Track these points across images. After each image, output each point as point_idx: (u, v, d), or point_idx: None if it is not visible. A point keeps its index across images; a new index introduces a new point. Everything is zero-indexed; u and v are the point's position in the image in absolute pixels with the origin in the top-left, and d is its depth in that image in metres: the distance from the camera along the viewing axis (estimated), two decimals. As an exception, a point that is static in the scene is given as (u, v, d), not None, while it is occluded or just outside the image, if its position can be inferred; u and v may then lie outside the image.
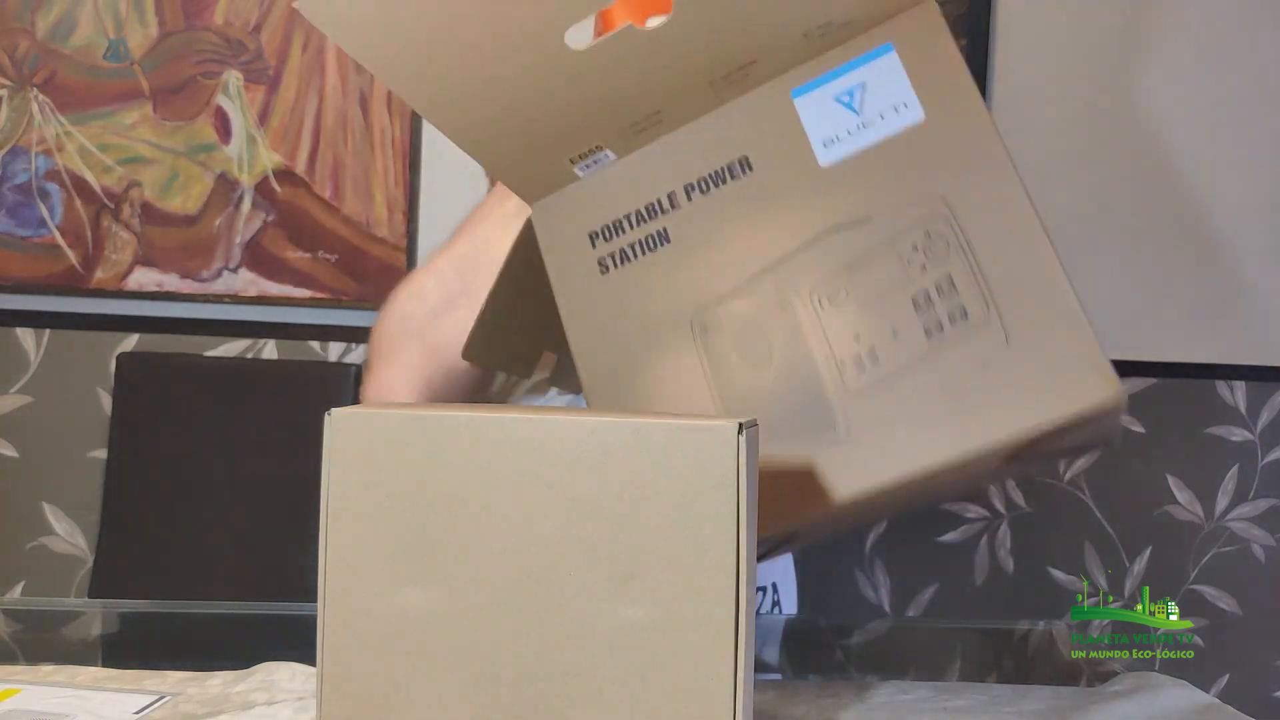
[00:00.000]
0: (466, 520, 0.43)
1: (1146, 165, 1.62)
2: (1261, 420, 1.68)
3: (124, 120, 1.59)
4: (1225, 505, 1.68)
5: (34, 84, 1.59)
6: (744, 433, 0.40)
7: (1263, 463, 1.68)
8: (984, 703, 0.56)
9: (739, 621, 0.40)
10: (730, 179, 0.56)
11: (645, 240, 0.57)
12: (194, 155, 1.59)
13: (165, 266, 1.60)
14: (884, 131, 0.53)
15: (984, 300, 0.50)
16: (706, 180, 0.56)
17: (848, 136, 0.54)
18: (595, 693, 0.42)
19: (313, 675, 0.57)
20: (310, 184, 1.59)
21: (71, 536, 1.59)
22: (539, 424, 0.43)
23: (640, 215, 0.57)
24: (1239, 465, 1.68)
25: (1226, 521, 1.68)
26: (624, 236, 0.57)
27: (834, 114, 0.54)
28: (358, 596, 0.45)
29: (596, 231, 0.58)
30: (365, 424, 0.45)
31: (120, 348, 1.57)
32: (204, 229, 1.59)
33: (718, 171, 0.56)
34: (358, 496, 0.45)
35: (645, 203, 0.57)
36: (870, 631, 0.95)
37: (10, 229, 1.59)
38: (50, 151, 1.59)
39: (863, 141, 0.53)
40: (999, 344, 0.50)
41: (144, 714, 0.53)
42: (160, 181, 1.59)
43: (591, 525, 0.42)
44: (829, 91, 0.54)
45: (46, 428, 1.59)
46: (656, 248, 0.56)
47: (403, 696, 0.44)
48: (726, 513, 0.40)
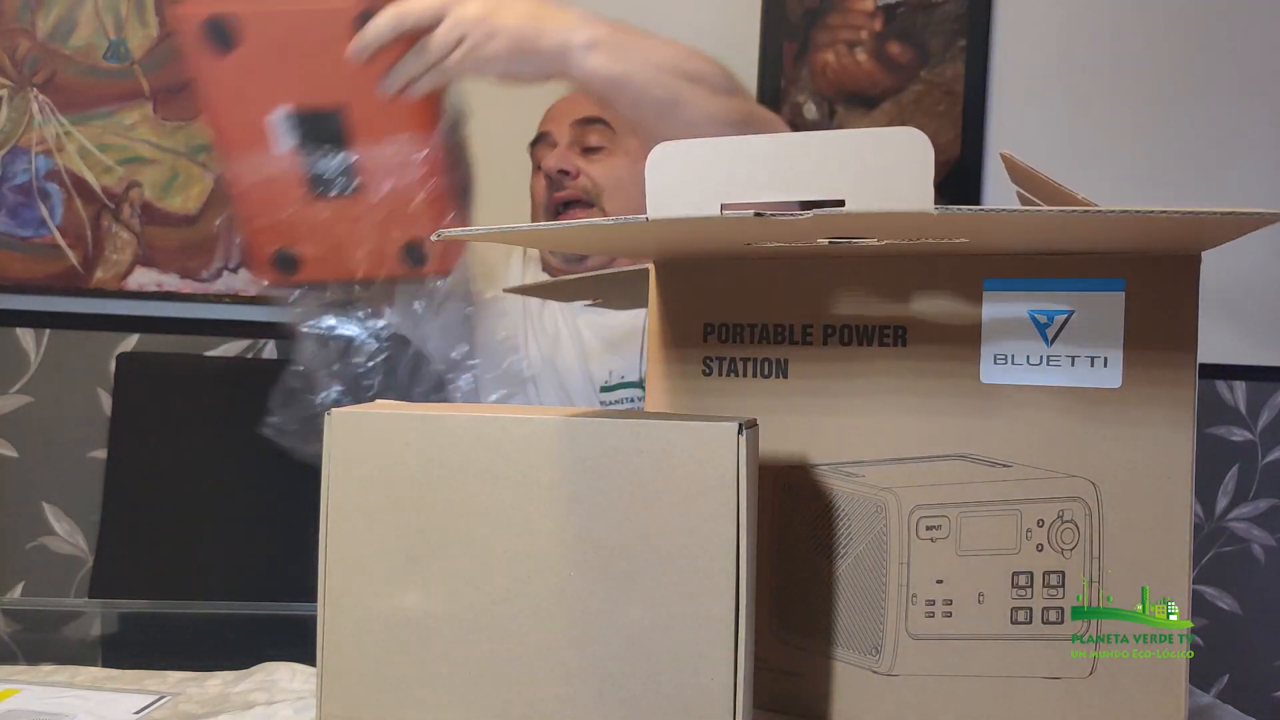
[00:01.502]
0: (466, 520, 0.43)
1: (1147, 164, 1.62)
2: (1261, 420, 1.68)
3: (124, 120, 1.59)
4: (1225, 505, 1.68)
5: (34, 84, 1.59)
6: (744, 433, 0.40)
7: (1263, 463, 1.68)
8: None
9: (739, 621, 0.40)
10: (879, 343, 0.48)
11: (760, 364, 0.50)
12: (194, 155, 1.59)
13: (165, 266, 1.60)
14: (1065, 380, 0.45)
15: (1086, 619, 0.45)
16: (852, 331, 0.49)
17: (1024, 365, 0.45)
18: (595, 693, 0.42)
19: (313, 675, 0.57)
20: (310, 184, 1.59)
21: (71, 536, 1.59)
22: (539, 424, 0.43)
23: (764, 332, 0.51)
24: (1239, 465, 1.67)
25: (1226, 521, 1.68)
26: (739, 346, 0.51)
27: (1020, 329, 0.45)
28: (358, 596, 0.45)
29: (713, 326, 0.52)
30: (365, 424, 0.45)
31: (120, 348, 1.57)
32: (204, 229, 1.59)
33: (868, 328, 0.48)
34: (358, 496, 0.45)
35: (775, 322, 0.50)
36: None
37: (10, 229, 1.59)
38: (50, 151, 1.59)
39: (1038, 379, 0.45)
40: (1081, 672, 0.45)
41: (144, 714, 0.53)
42: (160, 181, 1.59)
43: (591, 525, 0.42)
44: (1027, 301, 0.45)
45: (46, 428, 1.59)
46: (771, 376, 0.50)
47: (403, 696, 0.44)
48: (726, 513, 0.40)
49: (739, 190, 0.39)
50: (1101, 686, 0.45)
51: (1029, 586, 0.45)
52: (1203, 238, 0.41)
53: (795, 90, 1.56)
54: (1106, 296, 0.44)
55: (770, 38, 1.55)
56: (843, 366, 0.49)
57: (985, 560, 0.46)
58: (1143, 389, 0.44)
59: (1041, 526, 0.45)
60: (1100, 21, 1.59)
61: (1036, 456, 0.45)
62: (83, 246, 1.59)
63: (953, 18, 1.55)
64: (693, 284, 0.53)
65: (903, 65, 1.55)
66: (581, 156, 1.09)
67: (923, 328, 0.47)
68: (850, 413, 0.49)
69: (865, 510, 0.48)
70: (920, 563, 0.47)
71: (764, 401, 0.50)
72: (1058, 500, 0.45)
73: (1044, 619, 0.45)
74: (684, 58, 0.89)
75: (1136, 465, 0.44)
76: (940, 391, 0.47)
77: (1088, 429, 0.45)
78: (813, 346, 0.49)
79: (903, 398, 0.48)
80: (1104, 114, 1.60)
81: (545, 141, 1.13)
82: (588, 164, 1.09)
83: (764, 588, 0.50)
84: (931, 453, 0.47)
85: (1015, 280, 0.45)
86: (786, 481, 0.50)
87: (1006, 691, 0.46)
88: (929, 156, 0.36)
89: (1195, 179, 1.62)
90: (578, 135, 1.10)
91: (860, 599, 0.48)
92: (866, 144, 0.37)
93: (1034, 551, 0.45)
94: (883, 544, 0.47)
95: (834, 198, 0.38)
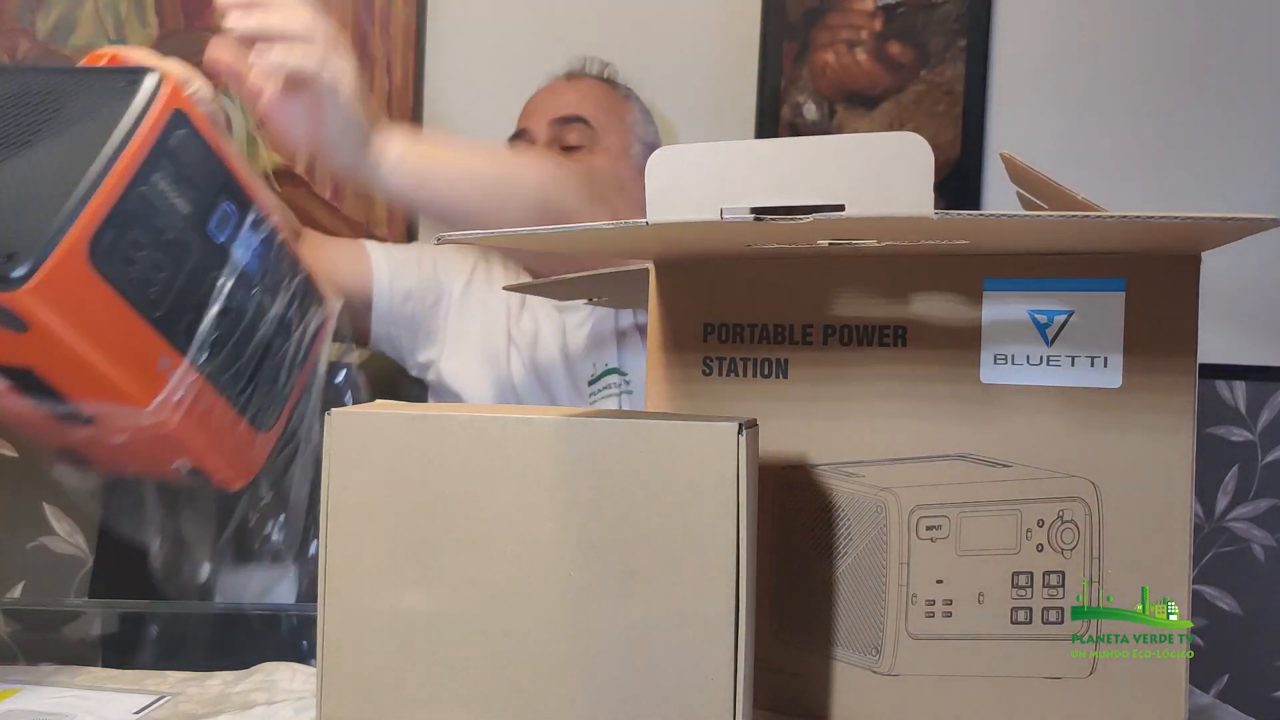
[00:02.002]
0: (466, 520, 0.43)
1: (1147, 164, 1.62)
2: (1261, 420, 1.68)
3: (124, 120, 1.59)
4: (1225, 505, 1.68)
5: (34, 84, 1.59)
6: (744, 433, 0.40)
7: (1263, 463, 1.68)
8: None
9: (739, 621, 0.40)
10: (879, 343, 0.48)
11: (760, 364, 0.50)
12: (194, 155, 1.59)
13: (165, 267, 1.60)
14: (1065, 380, 0.45)
15: (1086, 619, 0.45)
16: (852, 331, 0.49)
17: (1024, 365, 0.45)
18: (595, 692, 0.42)
19: (313, 675, 0.57)
20: (310, 184, 1.59)
21: (71, 536, 1.59)
22: (539, 424, 0.43)
23: (764, 333, 0.51)
24: (1239, 465, 1.67)
25: (1226, 521, 1.68)
26: (739, 346, 0.51)
27: (1020, 329, 0.45)
28: (358, 596, 0.45)
29: (713, 326, 0.52)
30: (365, 424, 0.45)
31: (120, 348, 1.57)
32: (204, 229, 1.59)
33: (868, 328, 0.48)
34: (358, 496, 0.45)
35: (775, 322, 0.50)
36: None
37: (10, 229, 1.59)
38: (50, 152, 1.59)
39: (1038, 379, 0.45)
40: (1081, 672, 0.45)
41: (144, 714, 0.53)
42: (160, 182, 1.59)
43: (591, 525, 0.42)
44: (1027, 300, 0.45)
45: (46, 428, 1.59)
46: (771, 377, 0.50)
47: (403, 696, 0.44)
48: (726, 513, 0.40)
49: (738, 194, 0.39)
50: (1101, 687, 0.45)
51: (1029, 586, 0.45)
52: (1203, 240, 0.41)
53: (795, 90, 1.56)
54: (1107, 297, 0.44)
55: (770, 38, 1.55)
56: (843, 367, 0.49)
57: (985, 560, 0.46)
58: (1143, 389, 0.44)
59: (1041, 526, 0.45)
60: (1100, 22, 1.59)
61: (1036, 456, 0.45)
62: (83, 246, 1.59)
63: (953, 18, 1.55)
64: (693, 284, 0.53)
65: (903, 65, 1.55)
66: (560, 154, 1.09)
67: (923, 328, 0.47)
68: (850, 413, 0.49)
69: (865, 510, 0.48)
70: (920, 563, 0.47)
71: (764, 402, 0.50)
72: (1058, 500, 0.45)
73: (1044, 619, 0.45)
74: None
75: (1137, 465, 0.44)
76: (940, 392, 0.47)
77: (1088, 429, 0.44)
78: (813, 347, 0.49)
79: (903, 398, 0.48)
80: (1104, 114, 1.60)
81: (524, 138, 1.13)
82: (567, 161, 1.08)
83: (764, 588, 0.50)
84: (931, 453, 0.47)
85: (1015, 280, 0.45)
86: (787, 482, 0.50)
87: (1006, 691, 0.46)
88: (929, 161, 0.36)
89: (1196, 178, 1.62)
90: (556, 134, 1.10)
91: (860, 599, 0.48)
92: (866, 149, 0.37)
93: (1034, 551, 0.45)
94: (883, 544, 0.47)
95: (834, 202, 0.38)
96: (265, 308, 0.56)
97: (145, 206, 0.49)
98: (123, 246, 0.47)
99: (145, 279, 0.48)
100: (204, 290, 0.52)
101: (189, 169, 0.51)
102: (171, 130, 0.50)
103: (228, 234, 0.54)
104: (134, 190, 0.48)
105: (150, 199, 0.49)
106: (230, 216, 0.54)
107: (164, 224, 0.50)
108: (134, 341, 0.48)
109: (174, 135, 0.50)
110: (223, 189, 0.54)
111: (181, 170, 0.51)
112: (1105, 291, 0.44)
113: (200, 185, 0.52)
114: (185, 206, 0.51)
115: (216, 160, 0.53)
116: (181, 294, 0.51)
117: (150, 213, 0.49)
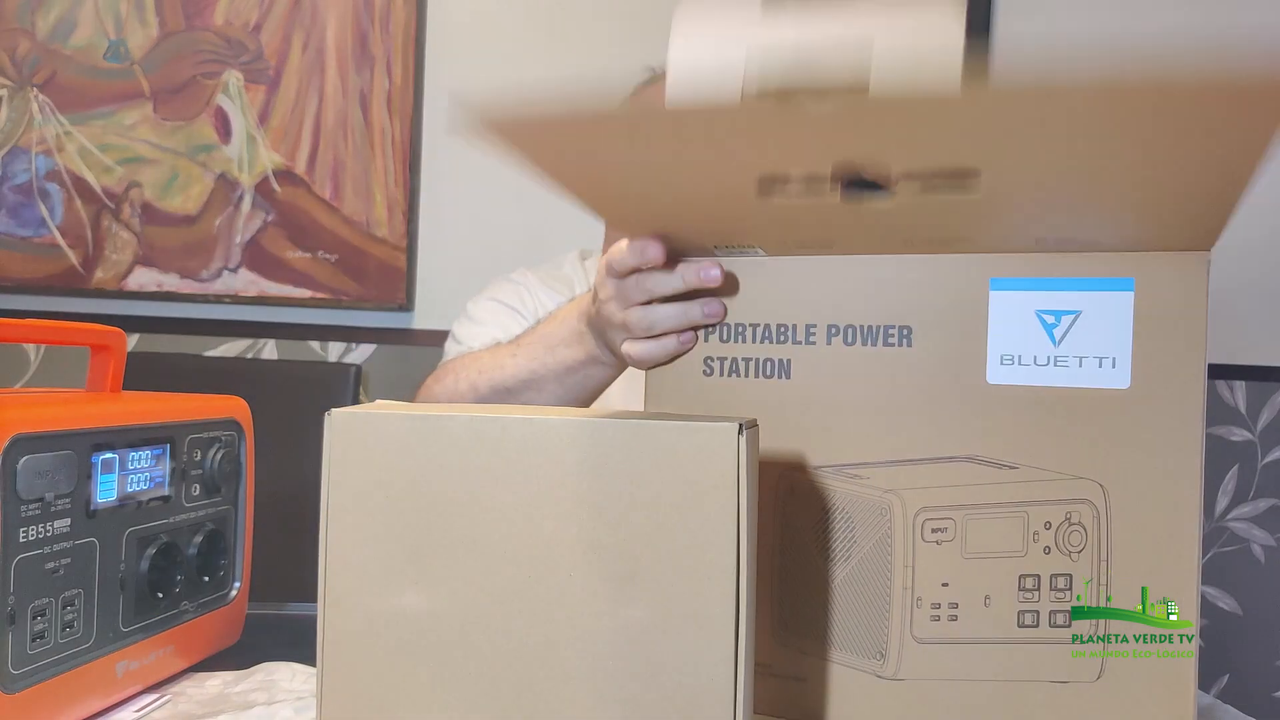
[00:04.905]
0: (466, 520, 0.43)
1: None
2: (1261, 420, 1.68)
3: (124, 120, 1.59)
4: (1225, 505, 1.68)
5: (34, 84, 1.58)
6: (744, 433, 0.40)
7: (1263, 463, 1.68)
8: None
9: (739, 621, 0.40)
10: (884, 344, 0.47)
11: (763, 364, 0.50)
12: (194, 155, 1.59)
13: (165, 266, 1.59)
14: (1073, 381, 0.44)
15: (1094, 622, 0.44)
16: (856, 331, 0.48)
17: (1031, 365, 0.45)
18: (595, 693, 0.42)
19: (313, 675, 0.57)
20: (310, 184, 1.59)
21: (71, 537, 1.60)
22: (539, 424, 0.43)
23: (767, 332, 0.50)
24: (1239, 465, 1.67)
25: (1226, 521, 1.68)
26: (741, 346, 0.50)
27: (1028, 330, 0.45)
28: (358, 596, 0.45)
29: (714, 325, 0.51)
30: (365, 424, 0.45)
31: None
32: (204, 229, 1.59)
33: (873, 328, 0.48)
34: (358, 496, 0.45)
35: (778, 322, 0.50)
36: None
37: (10, 229, 1.59)
38: (50, 151, 1.59)
39: (1045, 379, 0.44)
40: (1089, 675, 0.45)
41: (144, 714, 0.53)
42: (160, 181, 1.59)
43: (591, 525, 0.42)
44: (1034, 300, 0.44)
45: (46, 428, 1.59)
46: (773, 377, 0.49)
47: (403, 696, 0.44)
48: (726, 513, 0.40)
49: (763, 59, 0.38)
50: (1109, 689, 0.44)
51: (1036, 589, 0.45)
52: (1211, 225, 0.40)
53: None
54: (1115, 296, 0.43)
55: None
56: (847, 367, 0.48)
57: (991, 563, 0.46)
58: (1152, 390, 0.43)
59: (1049, 529, 0.45)
60: (1101, 22, 1.59)
61: (1043, 458, 0.45)
62: (83, 246, 1.59)
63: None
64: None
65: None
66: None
67: (928, 327, 0.47)
68: (854, 414, 0.48)
69: (869, 512, 0.47)
70: (925, 565, 0.46)
71: (766, 402, 0.50)
72: (1065, 502, 0.44)
73: (1051, 622, 0.45)
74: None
75: (1145, 467, 0.43)
76: (946, 392, 0.46)
77: (1096, 430, 0.44)
78: (816, 346, 0.49)
79: (908, 398, 0.47)
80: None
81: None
82: None
83: (765, 591, 0.50)
84: (937, 454, 0.46)
85: (1022, 279, 0.45)
86: (789, 483, 0.50)
87: (1013, 696, 0.45)
88: (961, 20, 0.35)
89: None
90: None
91: (864, 602, 0.48)
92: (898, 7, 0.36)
93: (1041, 554, 0.45)
94: (887, 546, 0.47)
95: (863, 45, 0.37)
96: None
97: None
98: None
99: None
100: None
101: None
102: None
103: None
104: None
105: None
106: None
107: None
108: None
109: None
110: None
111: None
112: (1114, 291, 0.43)
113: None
114: None
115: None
116: None
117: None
